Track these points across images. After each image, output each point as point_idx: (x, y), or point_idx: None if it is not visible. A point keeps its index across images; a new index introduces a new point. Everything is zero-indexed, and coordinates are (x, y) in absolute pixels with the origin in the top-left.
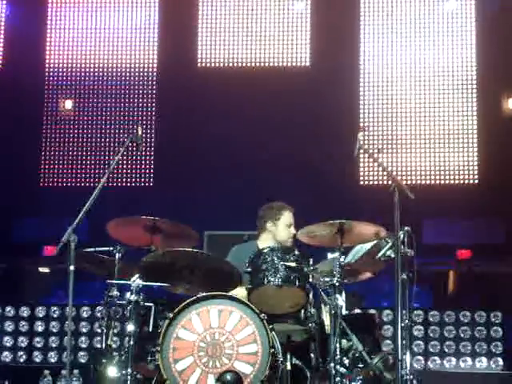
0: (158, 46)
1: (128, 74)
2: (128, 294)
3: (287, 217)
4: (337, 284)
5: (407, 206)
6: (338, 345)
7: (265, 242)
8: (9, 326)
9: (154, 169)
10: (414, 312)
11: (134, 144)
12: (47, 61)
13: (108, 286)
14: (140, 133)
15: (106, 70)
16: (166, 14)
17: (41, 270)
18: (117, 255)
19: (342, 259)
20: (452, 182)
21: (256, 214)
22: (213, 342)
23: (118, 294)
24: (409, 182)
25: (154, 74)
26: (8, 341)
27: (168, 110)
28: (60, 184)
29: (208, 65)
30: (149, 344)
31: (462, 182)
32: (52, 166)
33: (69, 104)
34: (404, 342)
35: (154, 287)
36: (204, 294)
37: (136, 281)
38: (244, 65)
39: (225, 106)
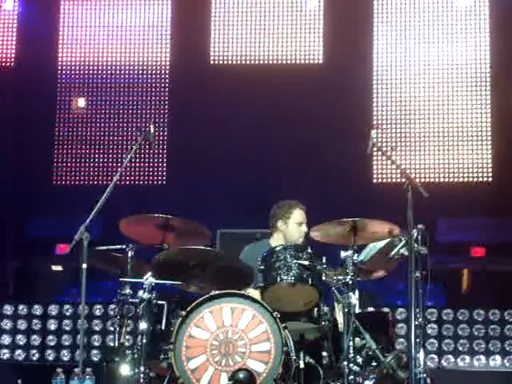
0: (171, 43)
1: (140, 71)
2: (141, 292)
3: (298, 215)
4: (350, 282)
5: (421, 204)
6: (351, 343)
7: (277, 240)
8: (22, 325)
9: (167, 167)
10: (428, 310)
11: (147, 142)
12: (59, 59)
13: (120, 284)
14: (152, 131)
15: (118, 67)
16: (178, 11)
17: (54, 268)
18: (129, 253)
19: (355, 257)
20: (466, 179)
21: (269, 212)
22: (225, 341)
23: (131, 292)
24: (422, 180)
25: (167, 71)
26: (21, 339)
27: (180, 107)
28: (73, 182)
29: (220, 62)
30: (162, 342)
31: (475, 179)
32: (65, 165)
33: (81, 102)
34: (417, 340)
35: (167, 285)
36: (217, 292)
37: (149, 279)
38: (257, 62)
39: (237, 104)
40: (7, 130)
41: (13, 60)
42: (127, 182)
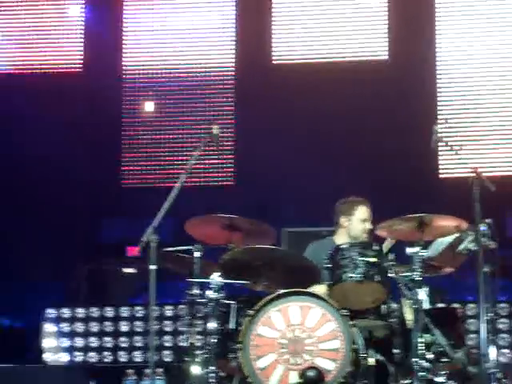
0: (235, 45)
1: (205, 73)
2: (209, 292)
3: (361, 212)
4: (418, 278)
5: (489, 199)
6: (420, 339)
7: (341, 237)
8: (94, 327)
9: (234, 167)
10: (499, 305)
11: (212, 143)
12: (124, 63)
13: (189, 284)
14: (215, 131)
15: (182, 70)
16: (241, 12)
17: (125, 270)
18: (196, 254)
19: (422, 253)
20: None
21: (333, 210)
22: (294, 339)
23: (200, 292)
24: (489, 174)
25: (232, 72)
26: (94, 341)
27: (246, 107)
28: (142, 185)
29: (284, 61)
30: (230, 341)
31: None
32: (133, 168)
33: (147, 105)
34: (488, 335)
35: (235, 285)
36: (284, 291)
37: (216, 279)
38: (320, 60)
39: (302, 102)
40: (77, 134)
41: (81, 65)
42: (196, 184)
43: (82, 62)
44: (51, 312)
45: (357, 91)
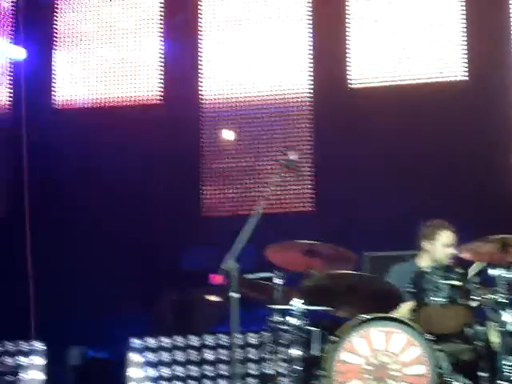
0: (311, 71)
1: (282, 100)
2: (291, 319)
3: (444, 237)
4: (502, 300)
5: None
6: (507, 362)
7: (424, 261)
8: (179, 356)
9: (314, 193)
10: None
11: (290, 169)
12: (201, 92)
13: (271, 311)
14: (292, 157)
15: (260, 97)
16: (316, 38)
17: (208, 298)
18: (277, 280)
19: (507, 275)
20: None
21: (416, 233)
22: (378, 365)
23: (282, 318)
24: None
25: (309, 98)
26: (179, 371)
27: (324, 133)
28: (222, 213)
29: (360, 85)
30: (314, 368)
31: None
32: (213, 196)
33: (225, 134)
34: None
35: (317, 311)
36: (366, 316)
37: (298, 305)
38: (397, 82)
39: (381, 126)
40: (157, 166)
41: (160, 97)
42: (275, 211)
43: (161, 93)
44: (136, 342)
45: (436, 112)
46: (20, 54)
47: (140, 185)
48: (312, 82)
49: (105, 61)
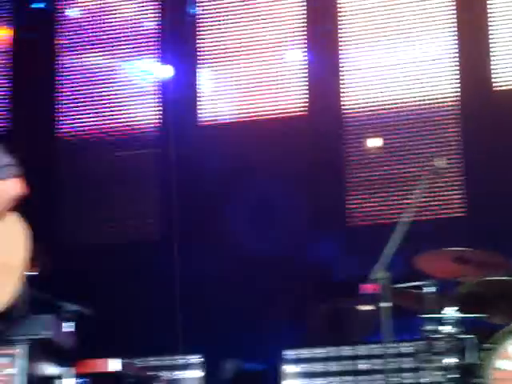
0: (458, 74)
1: (428, 106)
2: (445, 327)
3: None
4: None
5: None
6: None
7: None
8: (332, 367)
9: (464, 199)
10: None
11: (437, 176)
12: (343, 102)
13: (423, 320)
14: (438, 164)
15: (404, 104)
16: (461, 41)
17: (361, 308)
18: (429, 289)
19: None
20: None
21: None
22: None
23: (435, 327)
24: None
25: (456, 102)
26: (334, 381)
27: (472, 137)
28: (369, 221)
29: (505, 87)
30: (469, 376)
31: None
32: (358, 205)
33: (370, 142)
34: None
35: (471, 318)
36: None
37: (450, 313)
38: None
39: None
40: (302, 176)
41: (304, 109)
42: (426, 217)
43: (305, 104)
44: (290, 353)
45: None
46: (166, 72)
47: (283, 199)
48: (458, 86)
49: (248, 75)
